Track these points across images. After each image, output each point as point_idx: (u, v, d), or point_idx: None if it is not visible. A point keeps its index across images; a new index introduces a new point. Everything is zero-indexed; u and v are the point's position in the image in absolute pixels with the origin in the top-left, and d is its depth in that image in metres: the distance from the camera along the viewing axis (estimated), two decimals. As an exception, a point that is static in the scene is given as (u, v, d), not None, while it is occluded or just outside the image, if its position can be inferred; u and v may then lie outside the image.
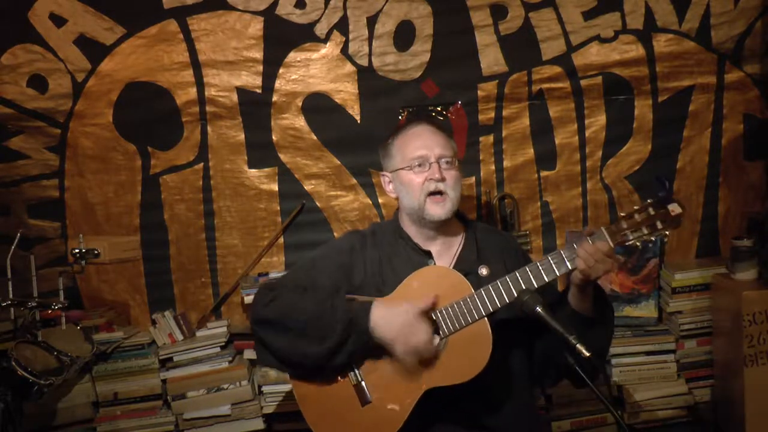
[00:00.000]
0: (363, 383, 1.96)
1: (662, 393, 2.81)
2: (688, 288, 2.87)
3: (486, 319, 1.86)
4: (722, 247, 3.02)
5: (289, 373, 2.07)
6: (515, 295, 1.81)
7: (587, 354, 1.59)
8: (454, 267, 2.02)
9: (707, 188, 3.03)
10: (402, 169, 2.05)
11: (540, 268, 1.83)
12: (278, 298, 1.98)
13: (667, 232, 1.74)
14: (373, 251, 2.09)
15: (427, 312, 1.89)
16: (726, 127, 3.00)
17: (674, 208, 1.73)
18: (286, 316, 1.95)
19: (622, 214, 1.78)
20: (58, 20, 2.80)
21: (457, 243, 2.10)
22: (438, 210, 2.00)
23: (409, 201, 2.05)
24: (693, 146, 3.01)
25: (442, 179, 2.00)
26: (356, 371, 1.97)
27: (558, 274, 1.83)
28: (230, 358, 2.80)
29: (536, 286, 1.82)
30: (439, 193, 2.00)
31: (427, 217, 2.02)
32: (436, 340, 1.92)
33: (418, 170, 2.02)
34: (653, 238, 1.76)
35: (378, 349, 1.93)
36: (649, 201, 1.76)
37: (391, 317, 1.87)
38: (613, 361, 2.83)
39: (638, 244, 1.77)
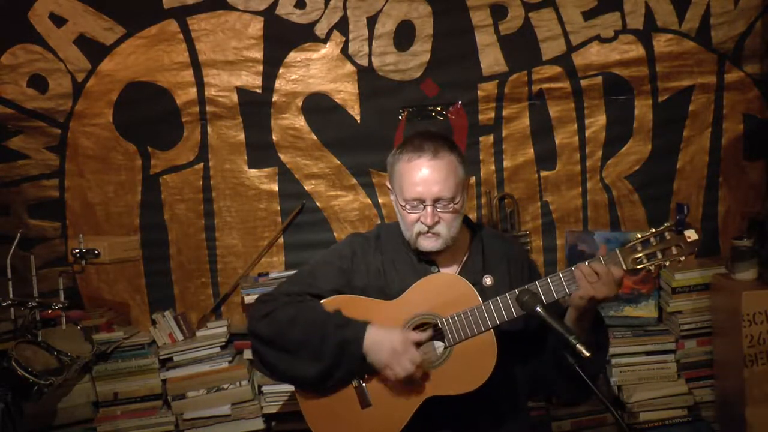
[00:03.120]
0: (364, 386, 1.95)
1: (662, 393, 2.81)
2: (688, 288, 2.86)
3: (492, 330, 1.86)
4: (722, 247, 3.02)
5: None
6: (523, 311, 1.79)
7: (587, 354, 1.59)
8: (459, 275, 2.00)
9: (707, 188, 3.03)
10: (399, 204, 1.99)
11: (551, 285, 1.81)
12: (273, 314, 1.98)
13: (681, 259, 1.73)
14: (376, 256, 2.07)
15: (419, 343, 1.89)
16: (726, 127, 3.00)
17: (690, 235, 1.73)
18: (279, 336, 1.95)
19: (638, 236, 1.77)
20: (58, 20, 2.80)
21: (462, 251, 2.06)
22: (429, 244, 1.96)
23: (403, 230, 2.02)
24: (693, 146, 3.00)
25: (434, 224, 1.93)
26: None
27: (568, 292, 1.81)
28: (230, 358, 2.80)
29: (545, 303, 1.80)
30: (431, 233, 1.95)
31: (419, 248, 1.99)
32: (440, 348, 1.91)
33: (412, 209, 1.95)
34: (667, 264, 1.75)
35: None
36: (666, 225, 1.75)
37: (382, 345, 1.87)
38: (613, 361, 2.83)
39: (651, 269, 1.76)
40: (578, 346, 1.60)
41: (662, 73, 2.94)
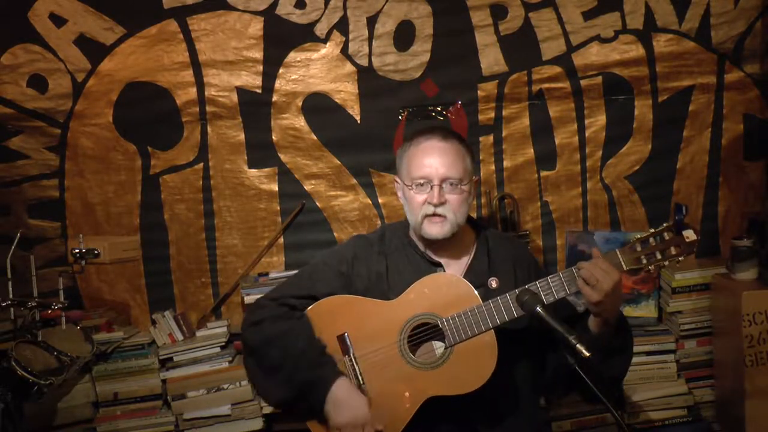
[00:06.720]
0: (364, 386, 1.95)
1: (662, 393, 2.81)
2: (688, 288, 2.86)
3: (492, 331, 1.86)
4: (722, 247, 3.02)
5: None
6: (523, 311, 1.80)
7: (587, 354, 1.59)
8: (464, 278, 1.99)
9: (707, 188, 3.03)
10: (406, 185, 2.02)
11: (551, 285, 1.82)
12: (261, 324, 2.01)
13: (680, 258, 1.75)
14: (379, 258, 2.07)
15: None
16: (726, 127, 3.00)
17: (689, 235, 1.75)
18: (260, 350, 1.99)
19: (638, 237, 1.79)
20: (58, 20, 2.80)
21: (467, 252, 2.07)
22: (435, 230, 1.97)
23: (409, 216, 2.03)
24: (693, 146, 3.00)
25: (441, 204, 1.95)
26: (358, 374, 1.96)
27: (569, 292, 1.82)
28: (230, 358, 2.80)
29: (546, 303, 1.80)
30: (437, 215, 1.96)
31: (424, 235, 1.99)
32: (441, 349, 1.91)
33: (419, 190, 1.97)
34: (666, 264, 1.77)
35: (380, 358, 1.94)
36: (664, 225, 1.77)
37: (343, 408, 1.90)
38: (613, 361, 2.83)
39: (650, 268, 1.78)
40: (578, 346, 1.60)
41: (662, 73, 2.94)
